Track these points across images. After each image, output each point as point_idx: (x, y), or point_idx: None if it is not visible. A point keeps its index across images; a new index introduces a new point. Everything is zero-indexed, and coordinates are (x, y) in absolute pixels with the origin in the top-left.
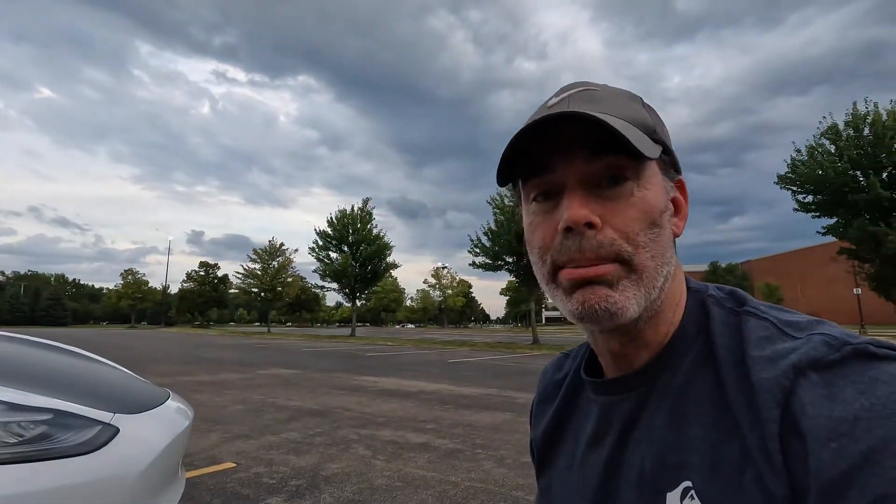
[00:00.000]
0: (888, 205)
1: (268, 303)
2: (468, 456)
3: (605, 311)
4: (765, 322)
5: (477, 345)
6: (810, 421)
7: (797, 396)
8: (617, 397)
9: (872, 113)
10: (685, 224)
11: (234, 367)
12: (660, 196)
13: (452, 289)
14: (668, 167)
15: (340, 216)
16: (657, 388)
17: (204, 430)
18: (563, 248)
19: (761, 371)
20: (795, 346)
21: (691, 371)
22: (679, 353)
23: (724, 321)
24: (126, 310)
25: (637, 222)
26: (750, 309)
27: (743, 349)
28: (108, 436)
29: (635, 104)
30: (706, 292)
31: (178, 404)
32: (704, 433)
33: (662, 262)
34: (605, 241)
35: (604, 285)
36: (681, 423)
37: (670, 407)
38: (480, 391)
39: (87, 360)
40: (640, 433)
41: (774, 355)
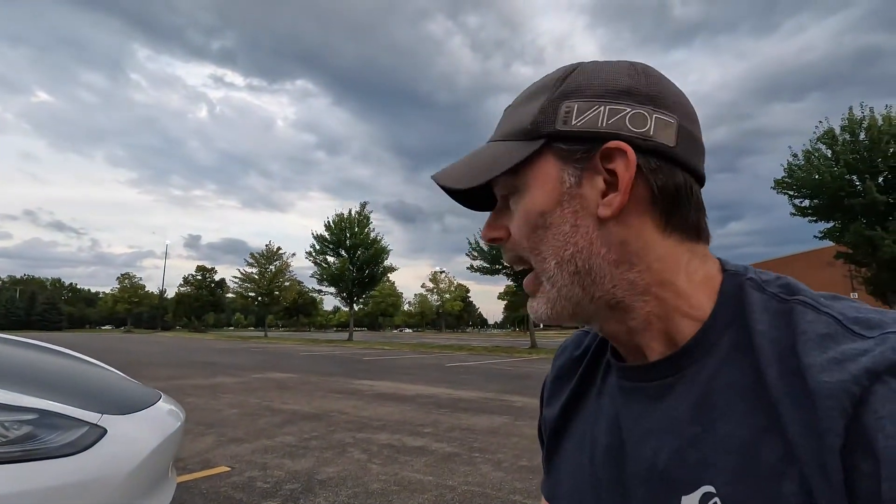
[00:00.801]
0: (884, 209)
1: (265, 307)
2: (465, 459)
3: (535, 316)
4: (826, 316)
5: (475, 349)
6: (889, 440)
7: (871, 407)
8: (640, 384)
9: (868, 118)
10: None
11: (230, 370)
12: (539, 197)
13: (450, 293)
14: (568, 150)
15: (338, 220)
16: (685, 377)
17: (198, 433)
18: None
19: (822, 373)
20: (868, 348)
21: (723, 361)
22: (710, 340)
23: (767, 308)
24: (122, 314)
25: (519, 231)
26: (805, 299)
27: (796, 345)
28: (96, 437)
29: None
30: (745, 275)
31: (170, 406)
32: (734, 431)
33: (559, 260)
34: (511, 249)
35: (531, 296)
36: (705, 418)
37: (696, 398)
38: (478, 395)
39: (76, 360)
40: (658, 423)
41: (841, 357)
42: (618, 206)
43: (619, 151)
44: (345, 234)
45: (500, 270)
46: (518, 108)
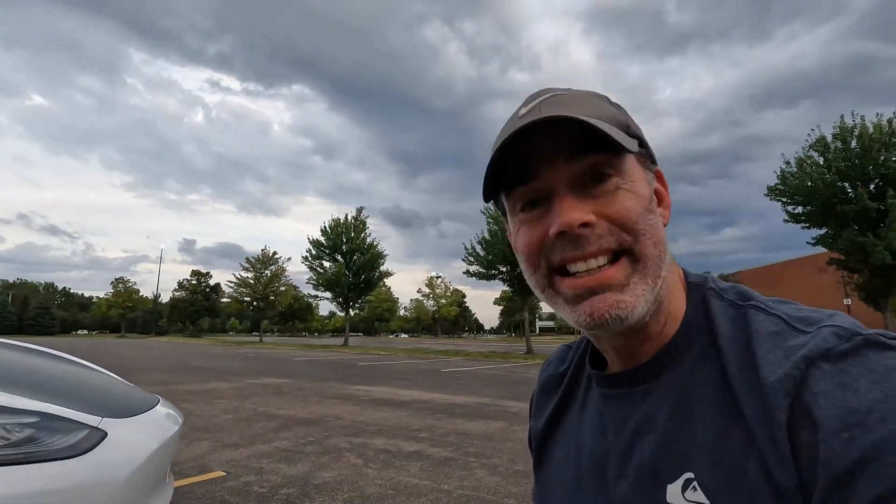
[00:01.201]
0: (876, 216)
1: (260, 312)
2: (461, 464)
3: (616, 318)
4: (773, 317)
5: (471, 354)
6: (822, 411)
7: (808, 387)
8: (622, 390)
9: (859, 126)
10: (670, 213)
11: (225, 376)
12: (645, 187)
13: (446, 298)
14: (645, 159)
15: (334, 225)
16: (662, 381)
17: (193, 438)
18: (557, 249)
19: (771, 366)
20: (806, 341)
21: (695, 364)
22: (683, 346)
23: (726, 314)
24: (116, 319)
25: (632, 210)
26: (757, 304)
27: (750, 344)
28: (96, 440)
29: (603, 102)
30: (706, 285)
31: (168, 410)
32: (707, 425)
33: (664, 249)
34: (603, 233)
35: (614, 290)
36: (683, 415)
37: (673, 400)
38: (474, 400)
39: (75, 364)
40: (642, 425)
41: (787, 350)
42: (667, 219)
43: (660, 177)
44: (341, 239)
45: (496, 276)
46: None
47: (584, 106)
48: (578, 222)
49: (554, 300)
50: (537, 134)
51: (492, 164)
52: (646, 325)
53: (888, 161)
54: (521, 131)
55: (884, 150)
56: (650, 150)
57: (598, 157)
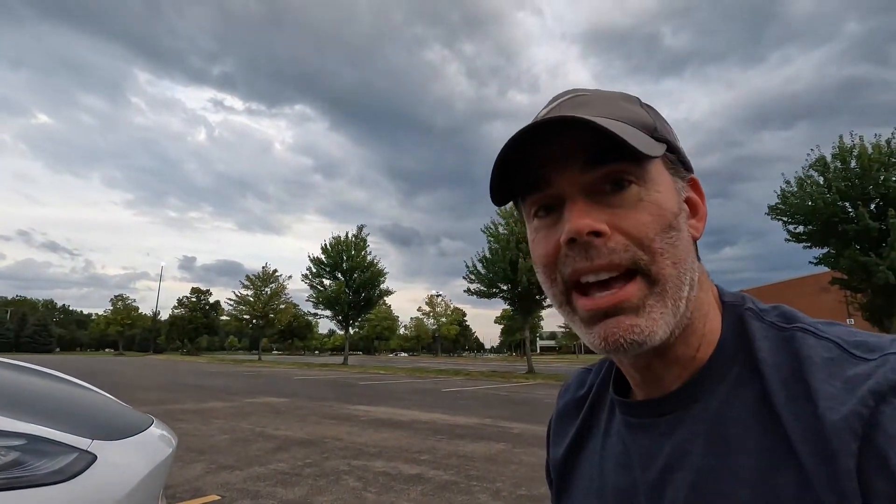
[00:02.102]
0: (877, 235)
1: (259, 330)
2: (463, 488)
3: (632, 343)
4: (826, 342)
5: (471, 374)
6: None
7: (881, 427)
8: (648, 420)
9: (858, 146)
10: (705, 224)
11: (223, 395)
12: (671, 197)
13: (447, 317)
14: (676, 166)
15: (335, 243)
16: (693, 411)
17: (188, 460)
18: (568, 261)
19: (831, 400)
20: (871, 370)
21: (732, 392)
22: (718, 372)
23: (767, 336)
24: (114, 336)
25: (650, 227)
26: (805, 326)
27: (801, 372)
28: (85, 463)
29: (631, 104)
30: (744, 305)
31: (162, 431)
32: (750, 462)
33: (685, 268)
34: (616, 247)
35: (628, 313)
36: (721, 450)
37: (707, 432)
38: (475, 421)
39: (66, 383)
40: (673, 461)
41: (847, 381)
42: (701, 232)
43: (696, 184)
44: (341, 257)
45: (497, 294)
46: (617, 102)
47: (607, 107)
48: (588, 230)
49: (571, 318)
50: (551, 137)
51: (496, 168)
52: (672, 348)
53: (888, 181)
54: (526, 133)
55: (883, 170)
56: (683, 156)
57: (616, 165)
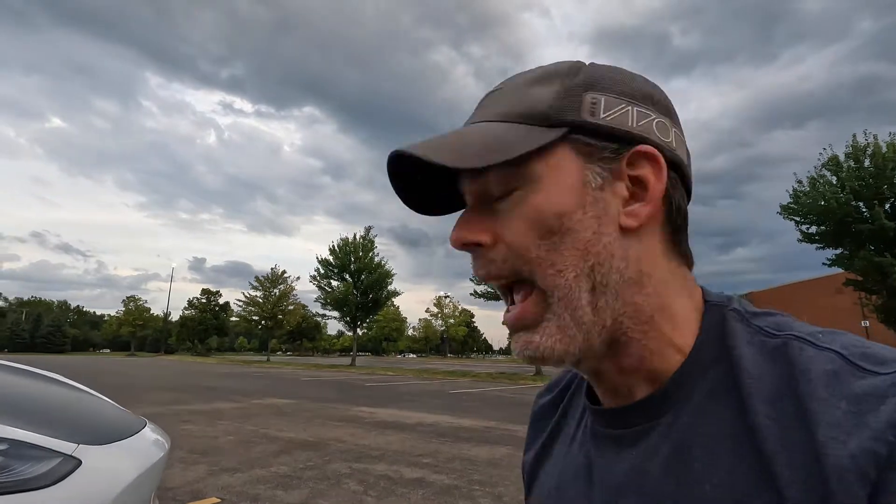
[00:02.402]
0: (893, 235)
1: (268, 331)
2: (465, 493)
3: (534, 357)
4: (827, 352)
5: (479, 375)
6: None
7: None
8: (615, 431)
9: (872, 145)
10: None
11: (230, 396)
12: (557, 195)
13: (454, 318)
14: (593, 146)
15: (343, 244)
16: (660, 426)
17: (190, 462)
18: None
19: (835, 428)
20: (885, 389)
21: (704, 406)
22: (691, 380)
23: (752, 342)
24: (126, 337)
25: (525, 235)
26: (800, 334)
27: (794, 388)
28: (69, 468)
29: (540, 87)
30: (728, 306)
31: (154, 435)
32: (715, 493)
33: (577, 272)
34: (496, 258)
35: (526, 330)
36: (681, 475)
37: (670, 452)
38: (480, 423)
39: (59, 385)
40: (628, 480)
41: (854, 401)
42: (645, 218)
43: (649, 157)
44: (349, 259)
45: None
46: (520, 90)
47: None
48: (460, 242)
49: None
50: None
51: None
52: (611, 360)
53: None
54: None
55: None
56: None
57: (489, 175)
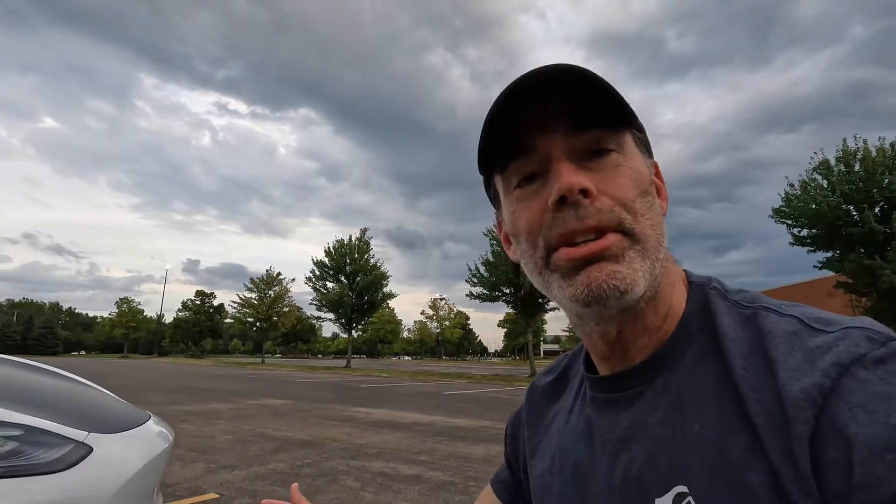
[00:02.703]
0: (882, 238)
1: (263, 333)
2: (460, 488)
3: (615, 289)
4: (788, 318)
5: (474, 377)
6: (860, 427)
7: (841, 398)
8: (613, 395)
9: (862, 149)
10: (668, 205)
11: (225, 397)
12: (644, 169)
13: (450, 320)
14: (645, 145)
15: (338, 246)
16: (655, 385)
17: (189, 459)
18: (556, 223)
19: (792, 371)
20: (830, 342)
21: (692, 365)
22: (681, 346)
23: (729, 314)
24: (119, 339)
25: (631, 190)
26: (768, 305)
27: (762, 346)
28: (81, 454)
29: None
30: (709, 285)
31: (159, 427)
32: (705, 431)
33: (661, 231)
34: (603, 207)
35: (609, 260)
36: (677, 420)
37: (666, 404)
38: (476, 423)
39: (65, 379)
40: (630, 432)
41: (808, 352)
42: (666, 210)
43: (657, 170)
44: (345, 260)
45: (500, 297)
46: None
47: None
48: (579, 186)
49: (549, 279)
50: (539, 99)
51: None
52: (643, 315)
53: (892, 184)
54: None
55: (888, 174)
56: (647, 141)
57: (599, 130)
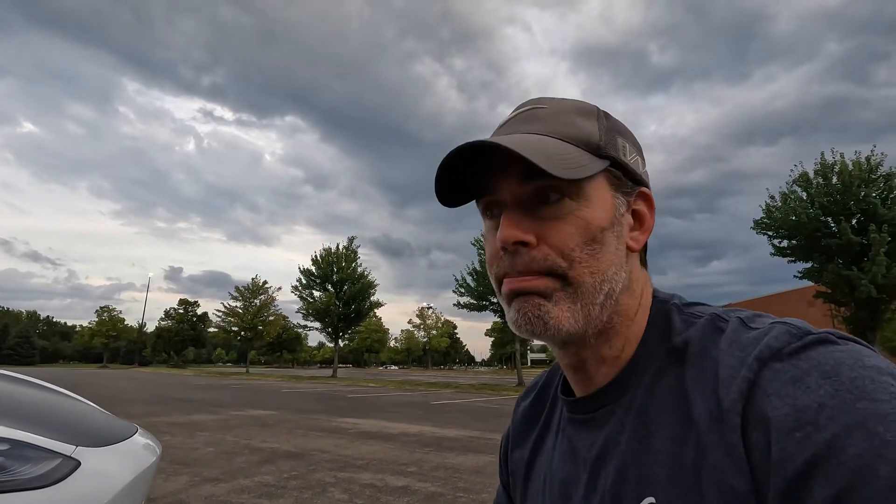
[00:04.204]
0: (859, 250)
1: (248, 342)
2: (449, 500)
3: (539, 321)
4: (732, 320)
5: (461, 387)
6: (775, 410)
7: (761, 388)
8: (587, 415)
9: (839, 163)
10: (648, 236)
11: (209, 407)
12: (600, 213)
13: (437, 329)
14: (621, 180)
15: (325, 254)
16: (623, 403)
17: (172, 472)
18: (502, 264)
19: (729, 368)
20: (759, 337)
21: (653, 381)
22: (643, 365)
23: (685, 327)
24: (99, 348)
25: (573, 239)
26: (717, 312)
27: (707, 349)
28: (69, 469)
29: (584, 118)
30: (670, 301)
31: (145, 440)
32: (664, 442)
33: (603, 278)
34: (538, 256)
35: (538, 296)
36: (642, 435)
37: (633, 421)
38: (464, 433)
39: (50, 392)
40: (605, 450)
41: (742, 348)
42: (642, 244)
43: (646, 198)
44: (331, 269)
45: (488, 307)
46: (568, 117)
47: (554, 123)
48: (512, 240)
49: (502, 302)
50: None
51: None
52: (597, 347)
53: (868, 197)
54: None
55: (864, 186)
56: (631, 170)
57: (547, 181)
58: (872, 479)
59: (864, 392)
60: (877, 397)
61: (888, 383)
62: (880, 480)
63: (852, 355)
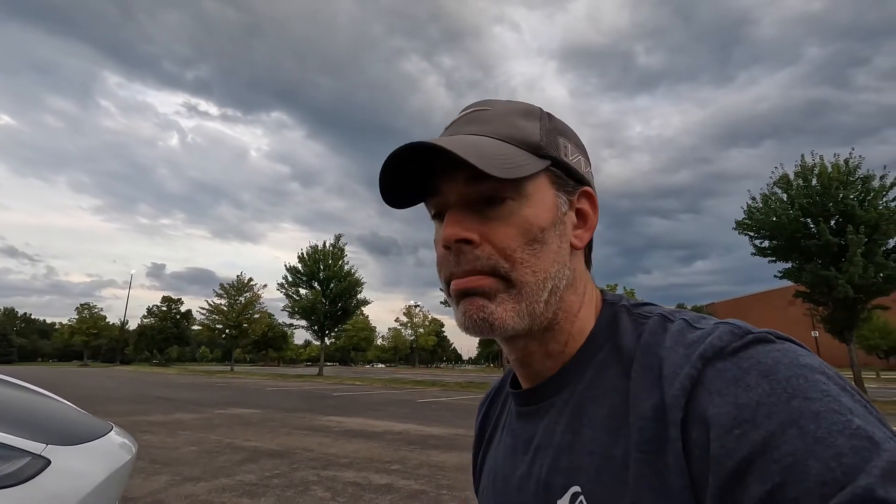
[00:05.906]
0: (837, 250)
1: (233, 340)
2: (432, 497)
3: (485, 322)
4: (678, 322)
5: (448, 384)
6: (715, 409)
7: (704, 386)
8: (531, 407)
9: (818, 165)
10: (591, 234)
11: (191, 406)
12: (542, 212)
13: (424, 327)
14: (563, 180)
15: (312, 252)
16: (563, 395)
17: (152, 472)
18: (448, 263)
19: (673, 366)
20: (703, 336)
21: (596, 375)
22: (586, 359)
23: (631, 325)
24: (79, 346)
25: (514, 239)
26: (663, 313)
27: (652, 346)
28: (38, 468)
29: (524, 120)
30: (619, 303)
31: (121, 438)
32: (597, 434)
33: (546, 276)
34: (482, 255)
35: (481, 297)
36: (576, 426)
37: (570, 412)
38: (449, 431)
39: (22, 389)
40: (542, 440)
41: (687, 346)
42: (585, 241)
43: (589, 197)
44: (318, 266)
45: None
46: (511, 118)
47: (495, 125)
48: (455, 238)
49: (451, 303)
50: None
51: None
52: (543, 342)
53: (846, 199)
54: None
55: (842, 188)
56: (573, 169)
57: (490, 183)
58: (804, 474)
59: (797, 390)
60: (810, 395)
61: (820, 381)
62: (811, 476)
63: (788, 354)
